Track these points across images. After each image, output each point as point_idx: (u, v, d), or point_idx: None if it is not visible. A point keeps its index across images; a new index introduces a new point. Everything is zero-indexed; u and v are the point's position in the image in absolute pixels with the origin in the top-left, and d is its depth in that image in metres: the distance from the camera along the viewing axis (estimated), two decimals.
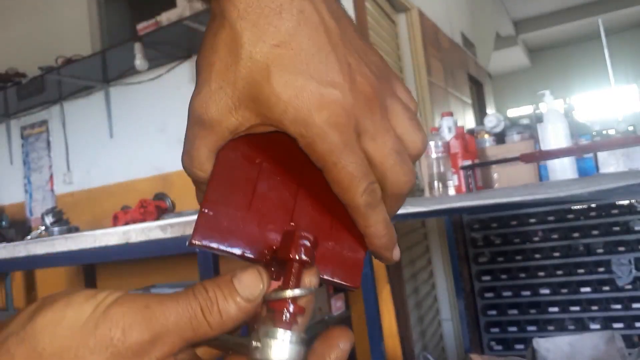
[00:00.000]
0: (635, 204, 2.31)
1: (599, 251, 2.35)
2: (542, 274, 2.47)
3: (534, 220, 2.49)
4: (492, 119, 2.43)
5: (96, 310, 0.24)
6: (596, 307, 2.33)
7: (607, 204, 2.35)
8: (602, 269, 2.33)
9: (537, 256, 2.48)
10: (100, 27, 3.31)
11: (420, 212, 1.37)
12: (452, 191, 1.93)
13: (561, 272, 2.42)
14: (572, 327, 2.36)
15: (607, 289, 2.31)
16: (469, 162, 1.98)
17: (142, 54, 2.60)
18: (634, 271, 2.26)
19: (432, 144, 1.92)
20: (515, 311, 2.52)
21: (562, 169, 1.80)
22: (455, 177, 1.95)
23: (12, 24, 3.63)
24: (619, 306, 2.29)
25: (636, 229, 2.29)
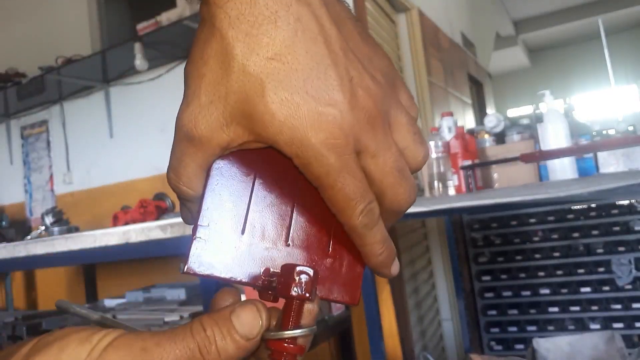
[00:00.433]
0: (635, 204, 2.31)
1: (599, 251, 2.35)
2: (542, 274, 2.47)
3: (534, 220, 2.48)
4: (492, 119, 2.43)
5: (90, 355, 0.23)
6: (596, 307, 2.33)
7: (607, 204, 2.35)
8: (602, 269, 2.33)
9: (537, 256, 2.48)
10: (100, 27, 3.31)
11: (420, 212, 1.37)
12: (452, 191, 1.93)
13: (561, 272, 2.42)
14: (572, 327, 2.36)
15: (607, 289, 2.31)
16: (469, 162, 1.98)
17: (142, 54, 2.60)
18: (634, 271, 2.26)
19: (432, 144, 1.92)
20: (515, 311, 2.52)
21: (562, 169, 1.80)
22: (455, 177, 1.95)
23: (12, 24, 3.63)
24: (619, 306, 2.29)
25: (636, 229, 2.29)
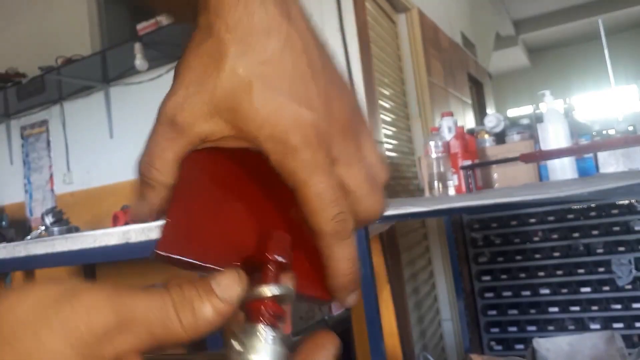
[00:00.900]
0: (635, 204, 2.31)
1: (599, 251, 2.35)
2: (542, 274, 2.46)
3: (534, 220, 2.48)
4: (492, 119, 2.43)
5: (63, 292, 0.22)
6: (596, 307, 2.33)
7: (607, 204, 2.34)
8: (602, 269, 2.33)
9: (537, 256, 2.48)
10: (100, 27, 3.31)
11: (420, 212, 1.37)
12: (452, 191, 1.94)
13: (561, 272, 2.42)
14: (572, 327, 2.36)
15: (607, 289, 2.31)
16: (469, 162, 1.98)
17: (142, 54, 2.60)
18: (634, 271, 2.26)
19: (432, 144, 1.92)
20: (515, 311, 2.52)
21: (562, 169, 1.81)
22: (455, 177, 1.96)
23: (12, 24, 3.63)
24: (619, 306, 2.28)
25: (636, 229, 2.29)
